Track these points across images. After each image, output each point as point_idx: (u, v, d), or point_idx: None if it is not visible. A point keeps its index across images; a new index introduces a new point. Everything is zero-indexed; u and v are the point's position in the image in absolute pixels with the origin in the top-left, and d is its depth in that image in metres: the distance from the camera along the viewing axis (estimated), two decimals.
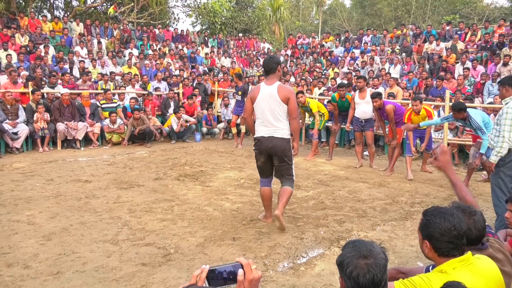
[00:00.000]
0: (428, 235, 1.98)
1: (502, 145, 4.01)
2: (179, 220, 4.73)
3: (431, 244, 1.97)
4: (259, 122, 4.42)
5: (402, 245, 4.09)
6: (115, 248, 3.92)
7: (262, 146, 4.37)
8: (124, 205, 5.25)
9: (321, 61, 15.99)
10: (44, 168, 7.29)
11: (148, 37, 16.41)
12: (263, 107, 4.35)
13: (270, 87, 4.36)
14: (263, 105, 4.35)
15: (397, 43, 15.29)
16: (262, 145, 4.37)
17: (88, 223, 4.59)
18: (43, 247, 3.94)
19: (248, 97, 4.53)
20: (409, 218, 4.91)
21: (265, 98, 4.34)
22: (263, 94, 4.36)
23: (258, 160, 4.50)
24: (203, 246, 4.00)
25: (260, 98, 4.37)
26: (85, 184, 6.25)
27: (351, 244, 1.67)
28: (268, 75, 4.43)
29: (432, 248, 1.98)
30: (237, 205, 5.29)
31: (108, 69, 13.04)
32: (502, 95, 4.18)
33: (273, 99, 4.31)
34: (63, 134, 9.33)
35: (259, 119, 4.41)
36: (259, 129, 4.42)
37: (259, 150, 4.42)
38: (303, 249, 3.96)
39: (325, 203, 5.43)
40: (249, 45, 19.93)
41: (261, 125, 4.40)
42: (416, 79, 11.79)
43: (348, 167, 7.70)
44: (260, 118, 4.40)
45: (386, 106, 7.20)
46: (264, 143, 4.35)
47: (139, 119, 9.95)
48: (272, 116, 4.33)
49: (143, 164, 7.80)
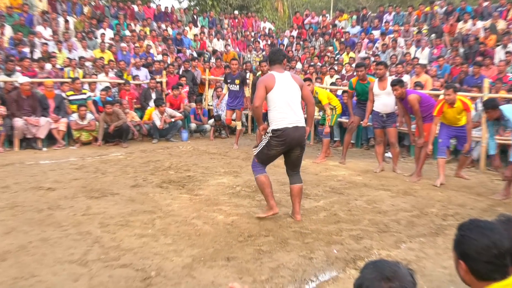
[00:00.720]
0: (463, 254, 1.97)
1: None
2: (161, 236, 4.70)
3: (467, 265, 1.96)
4: (277, 113, 4.92)
5: (433, 267, 4.06)
6: (84, 270, 3.88)
7: (288, 137, 4.90)
8: (95, 217, 5.21)
9: (334, 44, 16.00)
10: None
11: (125, 15, 16.42)
12: (283, 97, 4.90)
13: (284, 75, 4.99)
14: (283, 94, 4.90)
15: (425, 22, 15.29)
16: (288, 136, 4.90)
17: (51, 239, 4.55)
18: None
19: (262, 85, 4.93)
20: (441, 234, 4.88)
21: (284, 87, 4.91)
22: (281, 82, 4.91)
23: (274, 150, 4.99)
24: (191, 267, 3.96)
25: (278, 87, 4.89)
26: (47, 193, 6.21)
27: (371, 265, 1.66)
28: (275, 64, 5.07)
29: (468, 270, 1.96)
30: (232, 218, 5.26)
31: (77, 53, 13.03)
32: None
33: (292, 87, 4.95)
34: (21, 132, 9.33)
35: (277, 109, 4.91)
36: (279, 120, 4.91)
37: (283, 141, 4.92)
38: (312, 272, 3.93)
39: (339, 215, 5.40)
40: (246, 24, 19.96)
41: (281, 115, 4.90)
42: (448, 66, 11.80)
43: (367, 172, 7.68)
44: (279, 108, 4.91)
45: (409, 96, 7.17)
46: (290, 134, 4.89)
47: (113, 114, 9.93)
48: (294, 105, 4.94)
49: (118, 168, 7.77)
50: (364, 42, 15.04)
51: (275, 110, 4.92)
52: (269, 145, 4.98)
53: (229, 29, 18.84)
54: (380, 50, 14.09)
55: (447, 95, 6.79)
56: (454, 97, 6.79)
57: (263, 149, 5.06)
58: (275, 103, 4.91)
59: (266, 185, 5.07)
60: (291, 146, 4.98)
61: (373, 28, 16.04)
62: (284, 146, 4.96)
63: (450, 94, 6.78)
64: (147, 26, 16.33)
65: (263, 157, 5.10)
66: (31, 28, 13.63)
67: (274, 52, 5.17)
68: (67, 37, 13.38)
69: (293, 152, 5.03)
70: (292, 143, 4.94)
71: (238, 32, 18.91)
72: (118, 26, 15.48)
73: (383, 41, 14.36)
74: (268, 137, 4.99)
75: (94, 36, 14.28)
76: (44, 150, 9.44)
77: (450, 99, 6.78)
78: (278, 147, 4.96)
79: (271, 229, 4.90)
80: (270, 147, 4.98)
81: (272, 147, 4.97)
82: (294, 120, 4.91)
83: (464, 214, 5.54)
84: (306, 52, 15.37)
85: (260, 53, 16.59)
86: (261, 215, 5.15)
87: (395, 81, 7.27)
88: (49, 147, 9.64)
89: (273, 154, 5.05)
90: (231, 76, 9.99)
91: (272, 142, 4.95)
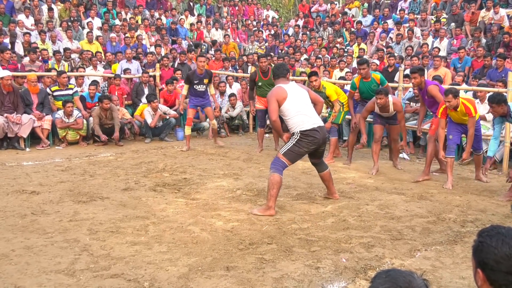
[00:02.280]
0: (481, 262, 1.96)
1: None
2: (155, 243, 4.74)
3: (485, 274, 1.94)
4: (297, 119, 5.65)
5: (450, 277, 4.10)
6: (71, 281, 3.93)
7: (321, 136, 5.70)
8: (83, 224, 5.26)
9: (344, 34, 16.02)
10: None
11: (114, 3, 16.45)
12: (299, 104, 5.69)
13: (291, 84, 5.89)
14: (297, 102, 5.69)
15: (444, 10, 15.31)
16: (320, 135, 5.69)
17: (36, 247, 4.59)
18: None
19: (273, 99, 5.63)
20: (459, 242, 4.91)
21: (296, 95, 5.72)
22: (292, 92, 5.71)
23: (305, 148, 5.68)
24: (187, 278, 4.01)
25: (291, 97, 5.66)
26: (31, 196, 6.25)
27: (384, 274, 1.66)
28: (279, 78, 5.90)
29: (486, 280, 1.94)
30: (232, 224, 5.30)
31: (62, 44, 13.07)
32: None
33: (303, 93, 5.82)
34: (2, 131, 9.34)
35: (296, 116, 5.65)
36: (302, 123, 5.64)
37: (312, 141, 5.65)
38: (319, 282, 3.96)
39: (348, 222, 5.43)
40: (248, 13, 19.99)
41: (305, 118, 5.67)
42: (469, 58, 11.82)
43: (379, 174, 7.71)
44: (297, 114, 5.66)
45: (429, 86, 7.25)
46: (321, 133, 5.70)
47: (109, 110, 9.94)
48: (311, 108, 5.80)
49: (108, 169, 7.81)
50: (377, 32, 15.05)
51: (295, 117, 5.65)
52: (300, 144, 5.64)
53: (229, 18, 18.86)
54: (395, 40, 14.11)
55: (448, 101, 6.81)
56: (455, 102, 6.81)
57: (294, 148, 5.65)
58: (292, 111, 5.65)
59: (277, 185, 5.57)
60: (319, 144, 5.75)
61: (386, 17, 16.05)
62: (314, 145, 5.69)
63: (450, 100, 6.79)
64: (138, 14, 16.36)
65: (292, 155, 5.69)
66: (11, 16, 13.70)
67: (278, 66, 6.05)
68: (51, 26, 13.41)
69: (320, 148, 5.86)
70: (320, 142, 5.73)
71: (239, 21, 18.94)
72: (107, 15, 15.51)
73: (398, 30, 14.38)
74: (296, 138, 5.64)
75: (80, 26, 14.31)
76: (27, 150, 9.48)
77: (451, 105, 6.82)
78: (309, 146, 5.67)
79: (275, 236, 4.94)
80: (302, 146, 5.65)
81: (303, 146, 5.65)
82: (317, 121, 5.75)
83: (485, 220, 5.57)
84: (314, 43, 15.38)
85: (263, 44, 16.62)
86: (256, 213, 5.61)
87: (416, 69, 7.40)
88: (32, 147, 9.68)
89: (303, 152, 5.73)
90: (197, 76, 9.62)
91: (302, 141, 5.64)
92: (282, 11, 25.91)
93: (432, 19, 14.86)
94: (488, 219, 5.59)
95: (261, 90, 9.40)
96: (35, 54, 11.40)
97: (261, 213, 5.55)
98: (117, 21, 15.39)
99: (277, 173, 5.58)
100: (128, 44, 13.99)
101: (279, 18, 21.72)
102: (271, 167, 5.67)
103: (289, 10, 26.96)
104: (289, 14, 26.04)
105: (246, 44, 17.10)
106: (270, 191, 5.55)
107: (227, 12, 19.45)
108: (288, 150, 5.66)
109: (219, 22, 17.69)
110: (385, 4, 17.09)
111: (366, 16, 16.93)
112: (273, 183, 5.54)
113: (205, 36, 16.73)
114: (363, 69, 8.24)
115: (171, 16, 17.14)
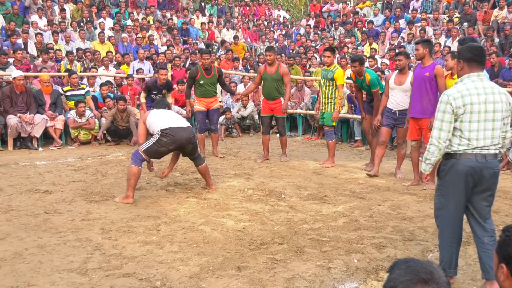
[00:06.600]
0: (506, 256, 1.94)
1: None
2: (167, 243, 4.76)
3: (509, 269, 1.92)
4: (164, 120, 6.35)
5: (463, 278, 4.08)
6: (84, 280, 3.96)
7: (182, 136, 6.28)
8: (95, 223, 5.29)
9: (355, 33, 15.98)
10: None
11: (126, 3, 16.54)
12: (164, 114, 6.62)
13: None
14: (163, 113, 6.58)
15: (456, 9, 15.21)
16: (181, 135, 6.25)
17: (48, 246, 4.63)
18: None
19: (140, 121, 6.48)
20: (471, 243, 4.86)
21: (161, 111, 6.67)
22: (156, 111, 6.60)
23: (165, 147, 6.26)
24: (199, 277, 4.02)
25: (155, 112, 6.56)
26: (44, 196, 6.30)
27: (403, 265, 1.64)
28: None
29: (510, 275, 1.93)
30: (243, 224, 5.31)
31: (74, 44, 13.15)
32: None
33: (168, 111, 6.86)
34: (15, 130, 9.42)
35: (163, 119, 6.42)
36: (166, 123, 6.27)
37: (176, 139, 6.22)
38: (330, 283, 3.96)
39: (360, 222, 5.42)
40: (258, 13, 19.98)
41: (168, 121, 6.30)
42: None
43: (390, 174, 7.67)
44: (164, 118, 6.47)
45: (437, 65, 6.82)
46: (184, 133, 6.24)
47: (125, 112, 9.99)
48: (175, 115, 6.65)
49: (119, 169, 7.85)
50: (388, 31, 15.00)
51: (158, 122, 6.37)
52: (160, 142, 6.20)
53: (240, 18, 18.87)
54: (406, 40, 14.05)
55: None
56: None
57: (153, 146, 6.19)
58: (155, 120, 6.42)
59: (134, 176, 6.05)
60: (181, 144, 6.34)
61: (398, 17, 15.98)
62: (174, 144, 6.32)
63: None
64: (150, 14, 16.43)
65: (151, 151, 6.19)
66: (25, 17, 13.81)
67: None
68: (64, 27, 13.51)
69: (186, 147, 6.53)
70: (182, 141, 6.25)
71: (250, 21, 18.94)
72: (119, 15, 15.60)
73: (410, 30, 14.31)
74: (157, 137, 6.18)
75: (93, 26, 14.40)
76: (40, 150, 9.56)
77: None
78: (168, 145, 6.24)
79: (286, 236, 4.94)
80: (161, 144, 6.25)
81: (162, 144, 6.22)
82: (178, 123, 6.42)
83: (498, 221, 5.50)
84: (325, 43, 15.32)
85: (274, 44, 16.60)
86: (116, 200, 6.06)
87: (421, 40, 7.12)
88: (45, 147, 9.75)
89: (164, 150, 6.37)
90: (156, 86, 9.66)
91: (162, 140, 6.22)
92: (293, 11, 25.87)
93: (444, 18, 14.78)
94: (501, 220, 5.53)
95: (202, 89, 8.82)
96: (48, 55, 11.48)
97: (120, 201, 6.02)
98: (128, 21, 15.46)
99: (135, 165, 6.04)
100: (140, 44, 14.05)
101: (291, 18, 21.66)
102: (131, 159, 6.17)
103: (300, 10, 26.92)
104: (300, 14, 26.01)
105: (257, 44, 17.10)
106: (128, 181, 6.05)
107: (238, 12, 19.47)
108: (148, 147, 6.11)
109: (230, 22, 17.71)
110: (397, 4, 17.03)
111: (377, 15, 16.88)
112: (130, 174, 6.02)
113: (216, 36, 16.76)
114: (354, 67, 7.87)
115: (183, 17, 17.19)
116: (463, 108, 3.65)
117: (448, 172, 3.80)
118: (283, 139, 8.67)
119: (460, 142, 3.72)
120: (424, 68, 6.75)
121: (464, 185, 3.74)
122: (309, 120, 11.64)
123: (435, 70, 6.63)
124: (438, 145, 3.73)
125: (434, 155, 3.78)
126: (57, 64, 11.68)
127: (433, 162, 3.83)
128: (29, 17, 13.92)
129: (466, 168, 3.70)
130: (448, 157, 3.80)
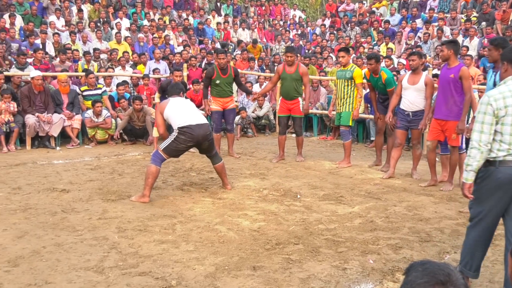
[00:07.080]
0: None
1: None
2: (182, 242, 4.78)
3: None
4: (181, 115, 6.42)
5: (480, 280, 4.03)
6: (100, 278, 3.99)
7: (199, 133, 6.31)
8: (112, 222, 5.33)
9: (371, 33, 15.89)
10: (9, 173, 7.46)
11: (142, 3, 16.63)
12: (182, 106, 6.59)
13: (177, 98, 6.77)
14: (181, 105, 6.58)
15: (474, 9, 15.06)
16: (198, 132, 6.28)
17: (66, 244, 4.67)
18: (8, 275, 4.03)
19: (157, 112, 6.59)
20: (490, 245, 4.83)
21: (179, 102, 6.64)
22: (174, 100, 6.56)
23: (184, 145, 6.33)
24: (214, 277, 4.03)
25: (173, 103, 6.53)
26: (61, 194, 6.37)
27: (419, 267, 1.63)
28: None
29: None
30: (259, 224, 5.32)
31: (91, 44, 13.26)
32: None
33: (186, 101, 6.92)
34: (33, 130, 9.51)
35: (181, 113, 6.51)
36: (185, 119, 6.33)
37: (193, 136, 6.30)
38: (346, 284, 3.95)
39: (376, 223, 5.40)
40: (274, 12, 19.97)
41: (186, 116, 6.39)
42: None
43: (407, 175, 7.62)
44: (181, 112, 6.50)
45: (463, 66, 6.62)
46: (201, 130, 6.32)
47: (141, 112, 10.05)
48: (193, 109, 6.80)
49: (136, 169, 7.90)
50: (405, 31, 14.89)
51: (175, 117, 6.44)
52: (178, 140, 6.27)
53: (256, 18, 18.88)
54: (423, 40, 13.94)
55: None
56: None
57: (172, 144, 6.27)
58: (173, 113, 6.45)
59: (152, 175, 6.08)
60: (198, 141, 6.40)
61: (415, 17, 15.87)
62: (192, 142, 6.41)
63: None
64: (166, 15, 16.50)
65: (170, 150, 6.28)
66: (43, 18, 13.95)
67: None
68: (81, 27, 13.62)
69: (203, 144, 6.57)
70: (199, 138, 6.34)
71: (265, 21, 18.93)
72: (135, 15, 15.69)
73: (427, 30, 14.20)
74: (175, 135, 6.25)
75: (109, 26, 14.50)
76: (58, 149, 9.64)
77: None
78: (186, 143, 6.33)
79: (301, 236, 4.94)
80: (180, 142, 6.34)
81: (180, 142, 6.35)
82: (196, 120, 6.45)
83: None
84: (341, 43, 15.27)
85: (289, 44, 16.58)
86: (133, 199, 6.10)
87: (446, 41, 7.01)
88: (62, 146, 9.84)
89: (182, 148, 6.41)
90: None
91: (180, 138, 6.30)
92: (309, 11, 25.81)
93: (462, 18, 14.63)
94: None
95: (218, 89, 8.78)
96: (65, 55, 11.59)
97: (136, 200, 6.04)
98: (145, 21, 15.54)
99: (154, 164, 6.09)
100: (156, 44, 14.12)
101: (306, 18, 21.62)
102: (151, 159, 6.23)
103: (316, 10, 26.85)
104: (316, 13, 25.94)
105: (273, 44, 17.09)
106: (146, 180, 6.07)
107: (254, 12, 19.47)
108: (167, 146, 6.18)
109: (246, 22, 17.72)
110: (414, 3, 16.91)
111: (394, 15, 16.77)
112: (148, 173, 6.04)
113: (232, 36, 16.78)
114: (370, 65, 7.86)
115: (199, 17, 17.24)
116: (505, 110, 3.47)
117: (485, 179, 3.61)
118: (300, 139, 8.67)
119: (500, 147, 3.52)
120: (449, 69, 6.59)
121: (502, 195, 3.56)
122: (325, 120, 11.62)
123: (460, 72, 6.46)
124: (479, 148, 3.51)
125: (476, 159, 3.54)
126: (75, 64, 11.78)
127: (475, 168, 3.57)
128: (47, 18, 14.05)
129: (505, 176, 3.52)
130: (487, 164, 3.59)
